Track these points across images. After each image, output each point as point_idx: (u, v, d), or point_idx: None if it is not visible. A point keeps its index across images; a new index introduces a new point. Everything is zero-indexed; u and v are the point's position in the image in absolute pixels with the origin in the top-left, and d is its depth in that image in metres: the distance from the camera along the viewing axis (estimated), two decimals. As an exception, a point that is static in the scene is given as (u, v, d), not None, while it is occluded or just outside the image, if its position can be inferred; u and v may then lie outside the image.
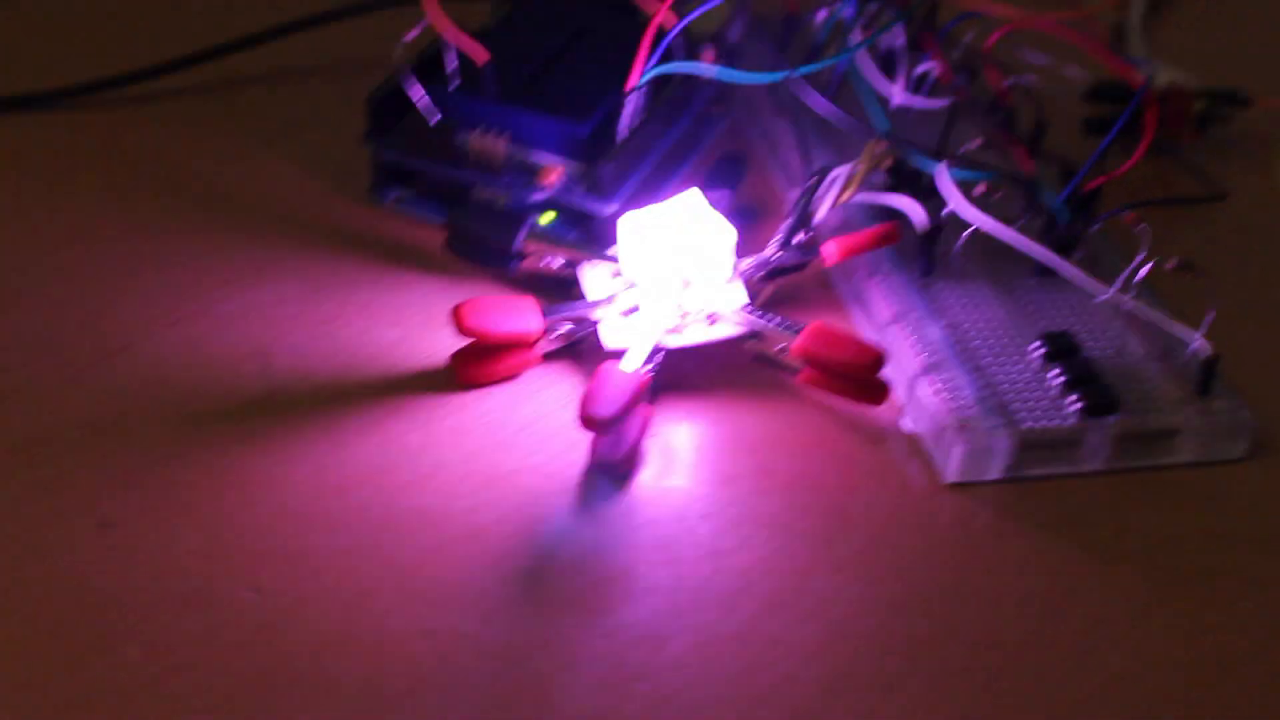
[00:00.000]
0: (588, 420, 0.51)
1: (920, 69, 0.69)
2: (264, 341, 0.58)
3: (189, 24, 0.77)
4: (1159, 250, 0.57)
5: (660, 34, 0.60)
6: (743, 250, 0.59)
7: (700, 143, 0.68)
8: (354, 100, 0.64)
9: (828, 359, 0.54)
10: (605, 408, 0.52)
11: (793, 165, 0.65)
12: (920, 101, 0.67)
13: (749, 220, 0.64)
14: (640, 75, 0.60)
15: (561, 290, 0.59)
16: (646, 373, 0.54)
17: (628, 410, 0.52)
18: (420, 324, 0.58)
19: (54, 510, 0.51)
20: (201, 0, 0.80)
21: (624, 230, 0.57)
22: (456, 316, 0.55)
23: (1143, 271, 0.57)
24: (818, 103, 0.63)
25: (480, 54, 0.61)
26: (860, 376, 0.55)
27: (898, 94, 0.67)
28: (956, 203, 0.58)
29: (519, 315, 0.56)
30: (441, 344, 0.57)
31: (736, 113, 0.71)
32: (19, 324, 0.58)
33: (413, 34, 0.61)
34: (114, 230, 0.63)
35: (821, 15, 0.70)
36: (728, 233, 0.57)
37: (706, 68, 0.61)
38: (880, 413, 0.56)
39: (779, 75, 0.60)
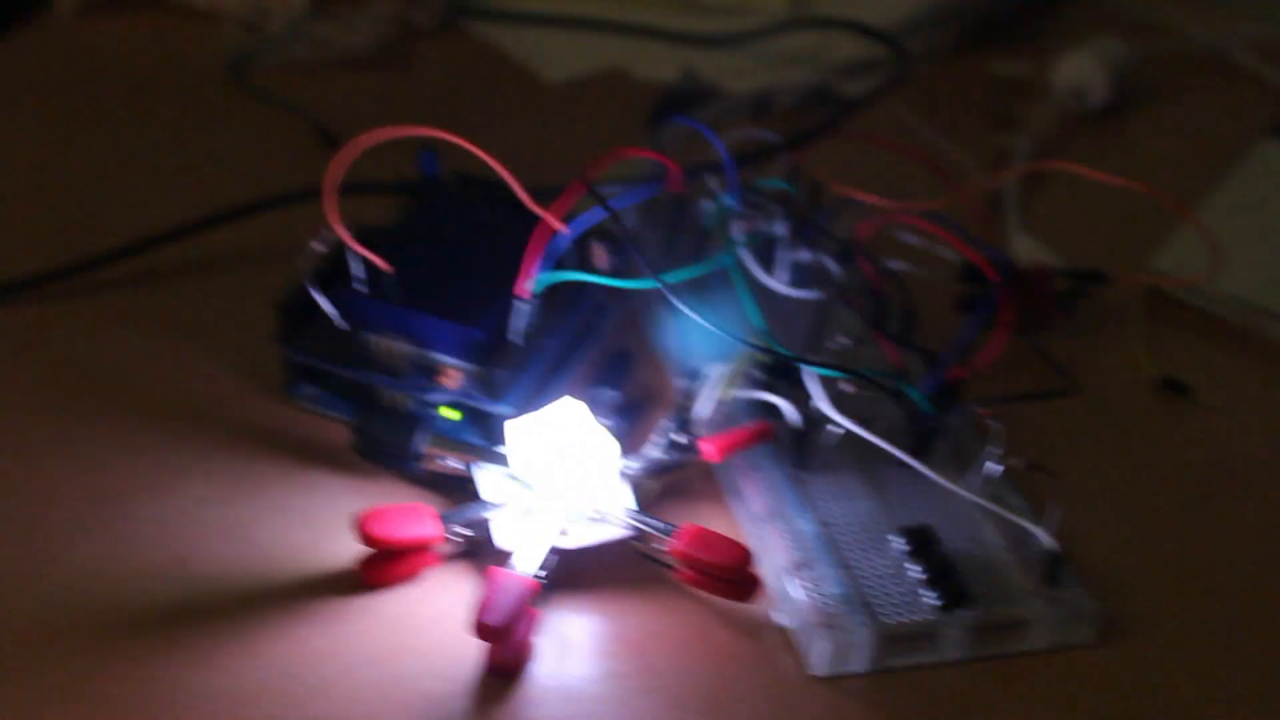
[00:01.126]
0: (481, 629, 0.57)
1: (799, 256, 0.74)
2: (184, 547, 0.63)
3: (107, 220, 0.82)
4: (1017, 438, 0.63)
5: (550, 235, 0.65)
6: (629, 444, 0.64)
7: (594, 334, 0.73)
8: (271, 292, 0.69)
9: (701, 560, 0.60)
10: (496, 615, 0.57)
11: (678, 357, 0.71)
12: (797, 292, 0.72)
13: (636, 415, 0.69)
14: (528, 278, 0.65)
15: (462, 488, 0.64)
16: (534, 578, 0.59)
17: (518, 616, 0.58)
18: (330, 524, 0.63)
19: (-15, 727, 0.55)
20: (112, 200, 0.85)
21: (510, 436, 0.62)
22: (359, 527, 0.60)
23: (995, 469, 0.63)
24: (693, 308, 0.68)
25: (384, 265, 0.66)
26: (732, 576, 0.60)
27: (777, 284, 0.72)
28: (822, 403, 0.64)
29: (417, 523, 0.61)
30: (349, 545, 0.61)
31: (628, 303, 0.76)
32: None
33: (317, 244, 0.66)
34: (41, 439, 0.68)
35: (707, 204, 0.76)
36: (607, 442, 0.62)
37: (589, 275, 0.66)
38: (756, 606, 0.61)
39: (655, 283, 0.64)
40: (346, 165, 0.64)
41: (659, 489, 0.65)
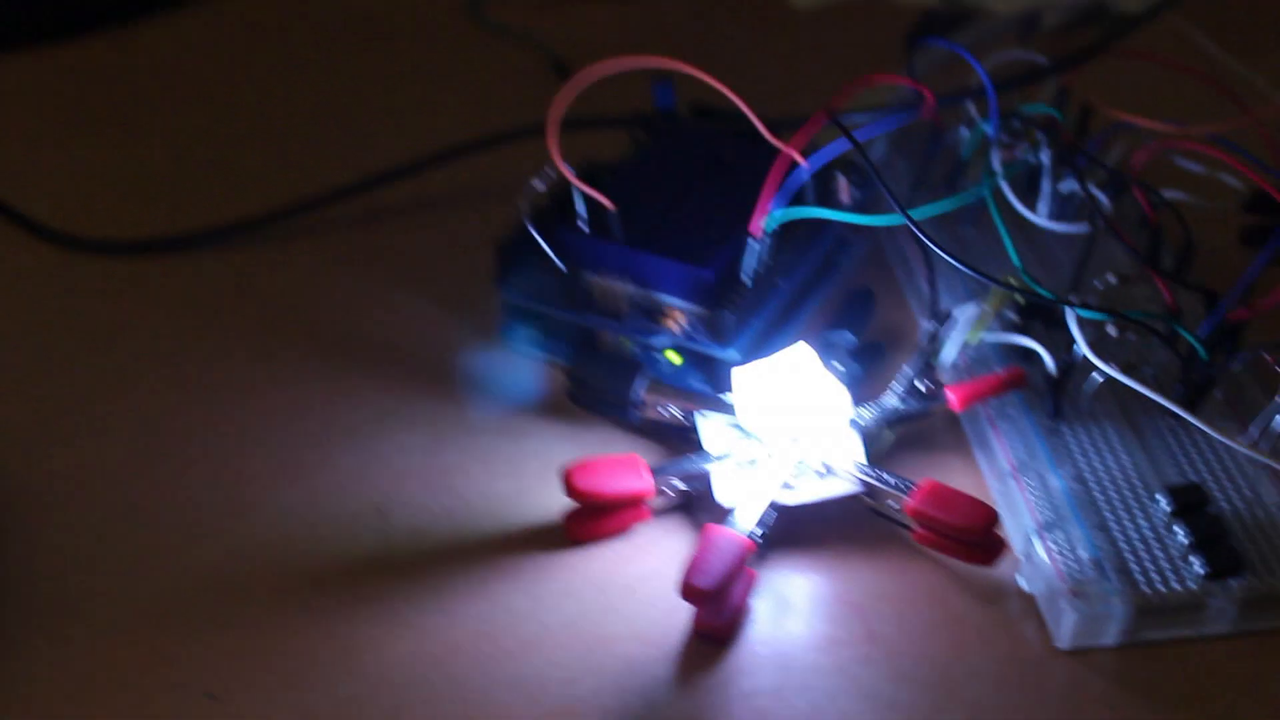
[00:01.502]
0: (690, 592, 0.52)
1: (1064, 187, 0.67)
2: (383, 496, 0.60)
3: (331, 160, 0.79)
4: None
5: (789, 168, 0.60)
6: (866, 391, 0.60)
7: (832, 275, 0.68)
8: (491, 232, 0.65)
9: (939, 520, 0.54)
10: (707, 579, 0.53)
11: (925, 295, 0.65)
12: (1061, 226, 0.66)
13: (875, 360, 0.64)
14: (763, 215, 0.60)
15: (683, 438, 0.60)
16: (752, 539, 0.54)
17: (731, 579, 0.53)
18: (537, 475, 0.60)
19: (165, 681, 0.53)
20: (336, 140, 0.82)
21: (737, 384, 0.57)
22: (566, 481, 0.56)
23: (1275, 421, 0.56)
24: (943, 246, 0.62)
25: (607, 203, 0.61)
26: (973, 538, 0.54)
27: (1039, 218, 0.66)
28: (1083, 347, 0.57)
29: (627, 476, 0.57)
30: (556, 497, 0.58)
31: (873, 239, 0.70)
32: (155, 481, 0.61)
33: (538, 181, 0.62)
34: (249, 381, 0.66)
35: (964, 132, 0.70)
36: (838, 391, 0.57)
37: (828, 212, 0.61)
38: (999, 570, 0.56)
39: (901, 218, 0.59)
40: (571, 98, 0.60)
41: (894, 439, 0.60)
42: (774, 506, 0.56)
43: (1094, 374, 0.59)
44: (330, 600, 0.56)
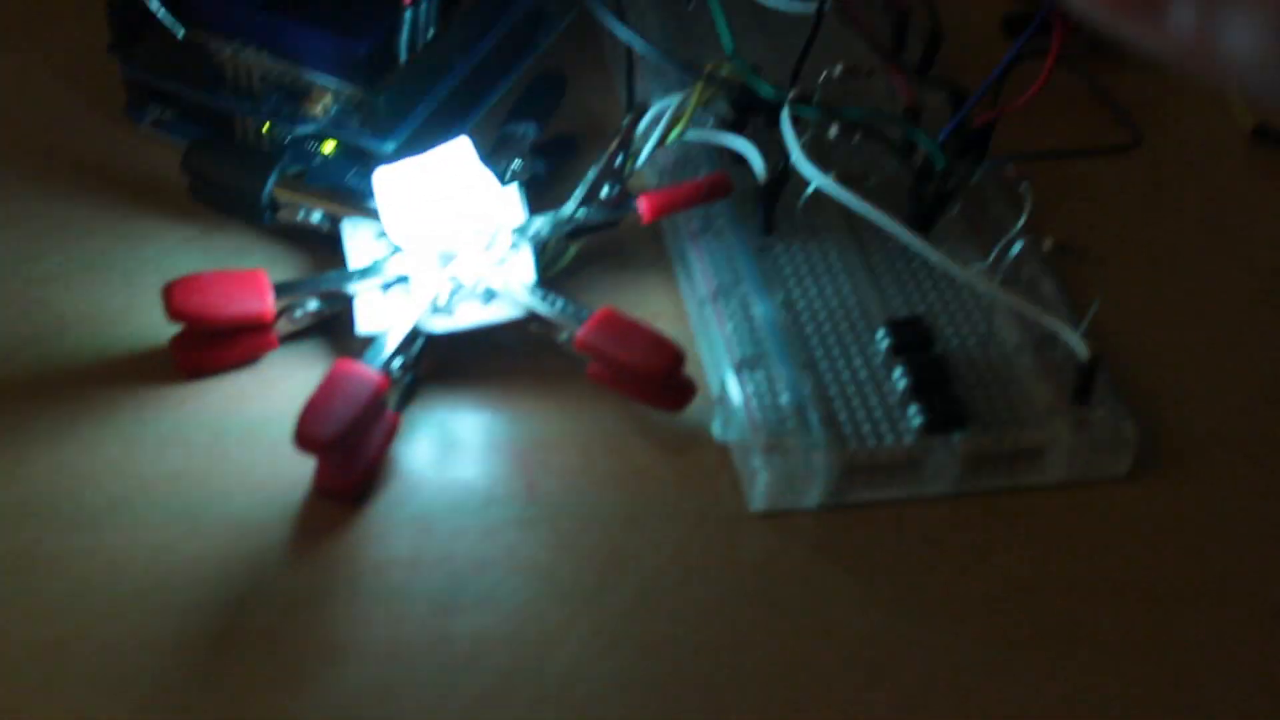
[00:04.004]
0: (305, 441, 0.45)
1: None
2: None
3: None
4: (1058, 207, 0.52)
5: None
6: (552, 194, 0.53)
7: (526, 53, 0.60)
8: None
9: (615, 357, 0.47)
10: (326, 427, 0.45)
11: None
12: (784, 4, 0.58)
13: (565, 155, 0.56)
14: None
15: (333, 247, 0.52)
16: (389, 374, 0.47)
17: (360, 426, 0.45)
18: (153, 290, 0.51)
19: None
20: None
21: (381, 187, 0.49)
22: (167, 298, 0.48)
23: (1019, 247, 0.49)
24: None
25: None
26: (654, 380, 0.47)
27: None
28: (797, 155, 0.50)
29: (246, 295, 0.49)
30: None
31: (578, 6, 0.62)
32: None
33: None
34: None
35: None
36: (502, 197, 0.50)
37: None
38: (689, 414, 0.49)
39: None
40: None
41: (575, 254, 0.52)
42: (422, 334, 0.48)
43: (807, 190, 0.51)
44: None
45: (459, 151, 0.49)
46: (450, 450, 0.48)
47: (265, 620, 0.44)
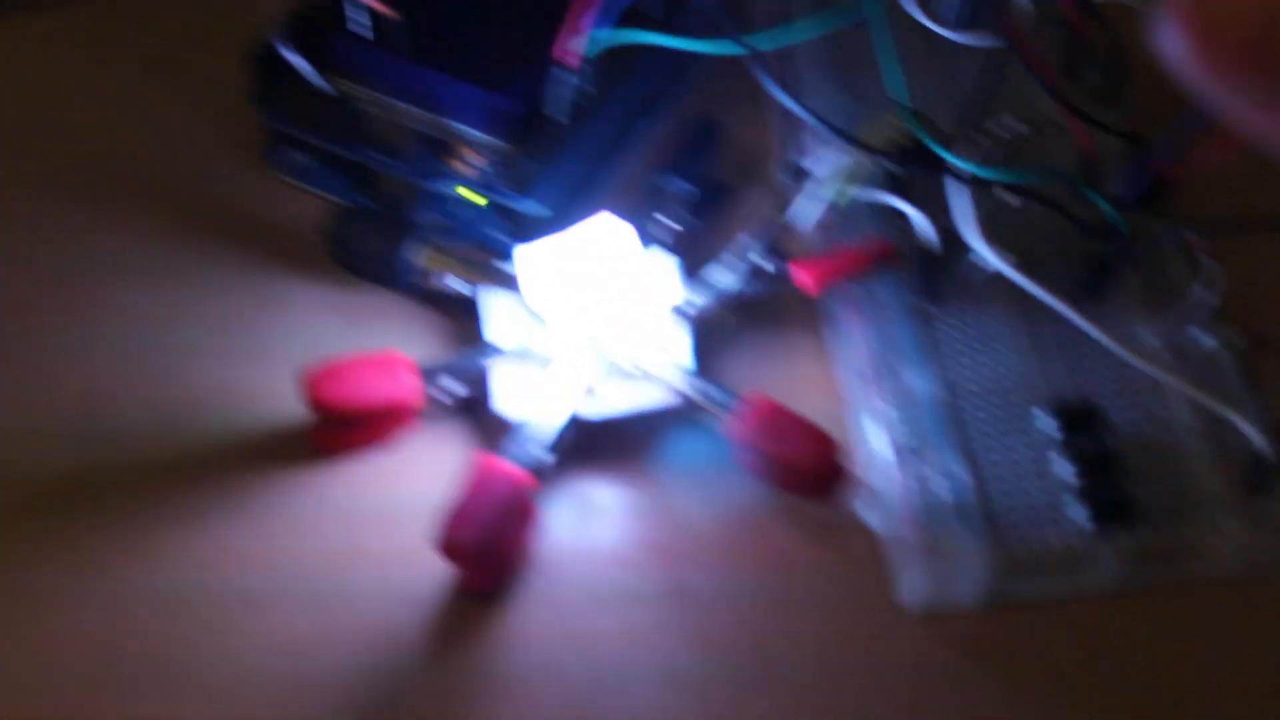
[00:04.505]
0: (448, 549, 0.43)
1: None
2: (91, 388, 0.50)
3: None
4: (1245, 284, 0.48)
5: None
6: (708, 246, 0.51)
7: (670, 101, 0.57)
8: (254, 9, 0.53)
9: (772, 453, 0.45)
10: (472, 534, 0.44)
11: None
12: (964, 38, 0.54)
13: (720, 206, 0.54)
14: (573, 36, 0.49)
15: (467, 309, 0.50)
16: (535, 471, 0.46)
17: (504, 529, 0.44)
18: (286, 359, 0.50)
19: None
20: None
21: (524, 264, 0.47)
22: (307, 391, 0.46)
23: (1203, 338, 0.47)
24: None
25: (386, 10, 0.51)
26: (807, 473, 0.45)
27: (939, 26, 0.55)
28: (974, 237, 0.47)
29: (385, 382, 0.47)
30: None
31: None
32: None
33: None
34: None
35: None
36: (659, 277, 0.49)
37: (661, 38, 0.50)
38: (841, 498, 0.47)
39: (752, 47, 0.49)
40: None
41: (735, 321, 0.50)
42: (569, 420, 0.46)
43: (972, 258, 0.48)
44: (12, 543, 0.47)
45: (609, 227, 0.47)
46: (593, 541, 0.47)
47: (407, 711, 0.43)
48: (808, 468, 0.45)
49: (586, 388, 0.48)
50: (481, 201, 0.52)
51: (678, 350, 0.48)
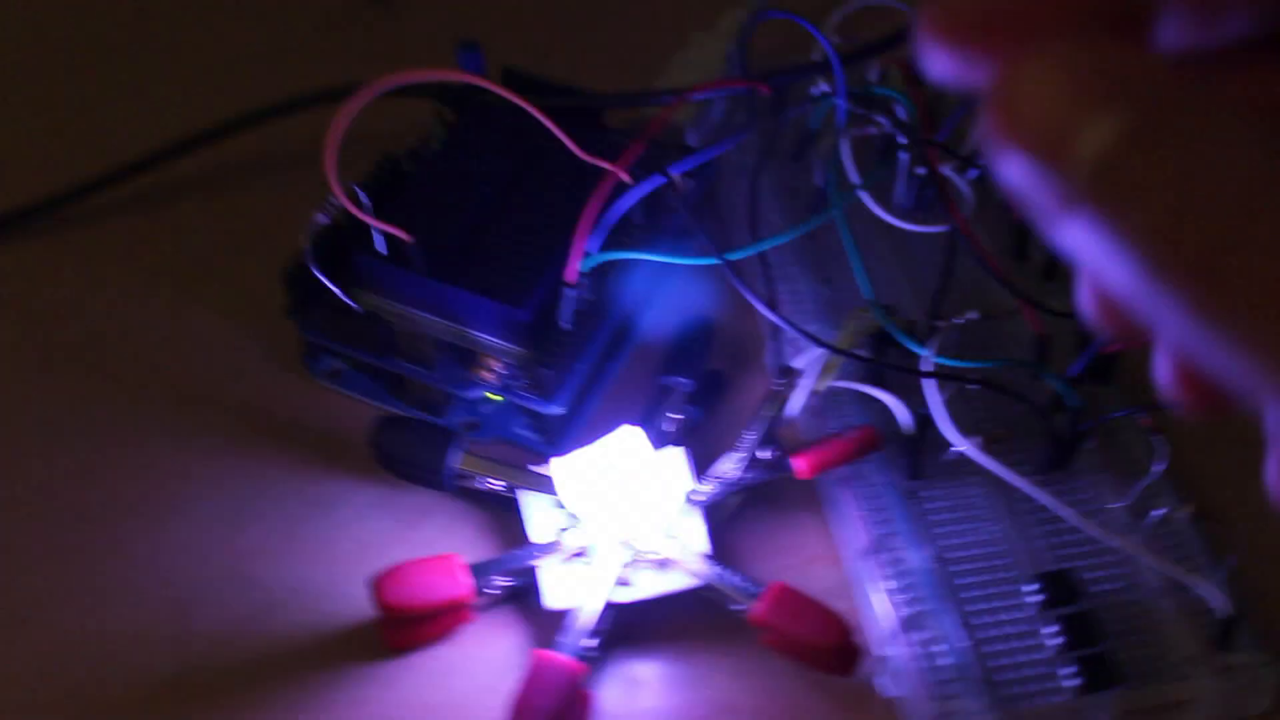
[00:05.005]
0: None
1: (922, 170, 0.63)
2: (181, 590, 0.56)
3: (81, 141, 0.72)
4: (1194, 449, 0.55)
5: (610, 197, 0.57)
6: (709, 430, 0.58)
7: (660, 293, 0.63)
8: (301, 208, 0.59)
9: (791, 633, 0.52)
10: (536, 720, 0.50)
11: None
12: (918, 228, 0.61)
13: (716, 394, 0.61)
14: (579, 259, 0.56)
15: (507, 506, 0.57)
16: (584, 659, 0.52)
17: (562, 716, 0.50)
18: (350, 557, 0.56)
19: None
20: (104, 108, 0.74)
21: (559, 473, 0.54)
22: (375, 595, 0.52)
23: (1155, 514, 0.54)
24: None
25: (403, 235, 0.57)
26: (826, 653, 0.52)
27: (897, 219, 0.62)
28: (938, 414, 0.54)
29: (444, 581, 0.54)
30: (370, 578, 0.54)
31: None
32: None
33: (324, 216, 0.57)
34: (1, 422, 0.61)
35: (806, 108, 0.65)
36: (675, 477, 0.55)
37: (649, 254, 0.57)
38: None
39: (720, 257, 0.56)
40: (350, 119, 0.54)
41: (738, 504, 0.57)
42: (609, 606, 0.53)
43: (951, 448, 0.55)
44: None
45: (629, 436, 0.53)
46: (641, 718, 0.53)
47: None
48: (826, 647, 0.51)
49: (619, 577, 0.54)
50: (498, 398, 0.59)
51: (695, 536, 0.54)
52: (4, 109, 0.73)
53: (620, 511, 0.53)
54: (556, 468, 0.54)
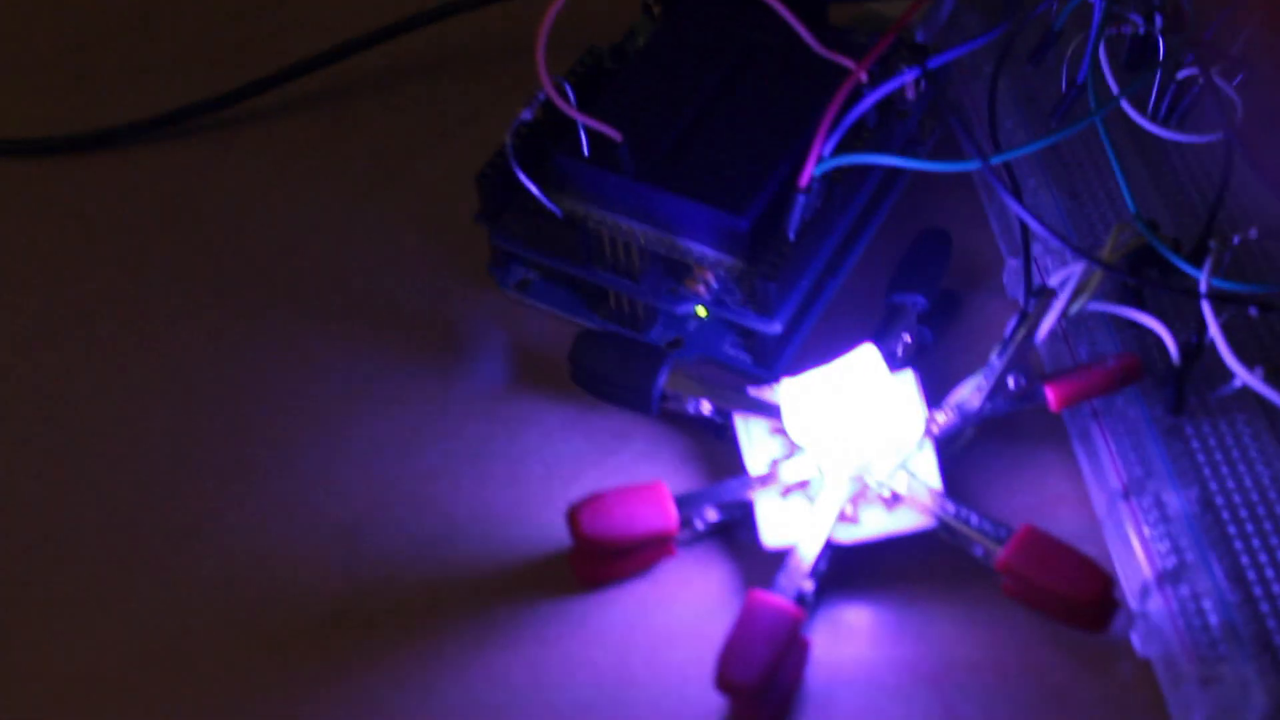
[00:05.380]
0: (728, 686, 0.44)
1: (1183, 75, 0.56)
2: (352, 514, 0.51)
3: (263, 36, 0.67)
4: None
5: (849, 98, 0.51)
6: (941, 356, 0.52)
7: (882, 208, 0.57)
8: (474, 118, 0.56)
9: (1041, 584, 0.46)
10: (750, 670, 0.44)
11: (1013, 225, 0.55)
12: (1187, 137, 0.55)
13: (951, 314, 0.55)
14: (815, 163, 0.50)
15: (717, 432, 0.51)
16: (802, 604, 0.46)
17: (778, 663, 0.44)
18: (539, 481, 0.51)
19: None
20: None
21: (785, 397, 0.48)
22: (573, 525, 0.47)
23: None
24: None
25: (612, 133, 0.51)
26: (1080, 608, 0.46)
27: (1160, 128, 0.55)
28: (1224, 351, 0.48)
29: (648, 512, 0.48)
30: (559, 508, 0.49)
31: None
32: (41, 487, 0.52)
33: (529, 112, 0.52)
34: (172, 337, 0.56)
35: (1052, 4, 0.58)
36: (910, 404, 0.49)
37: (895, 160, 0.51)
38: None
39: (985, 161, 0.50)
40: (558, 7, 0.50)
41: (973, 436, 0.51)
42: (830, 545, 0.47)
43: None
44: (285, 672, 0.48)
45: (865, 359, 0.48)
46: (860, 670, 0.48)
47: None
48: (1081, 601, 0.45)
49: (843, 513, 0.48)
50: (704, 313, 0.53)
51: (928, 472, 0.48)
52: (182, 3, 0.68)
53: (851, 440, 0.47)
54: (786, 389, 0.48)
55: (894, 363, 0.50)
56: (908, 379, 0.50)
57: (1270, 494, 0.49)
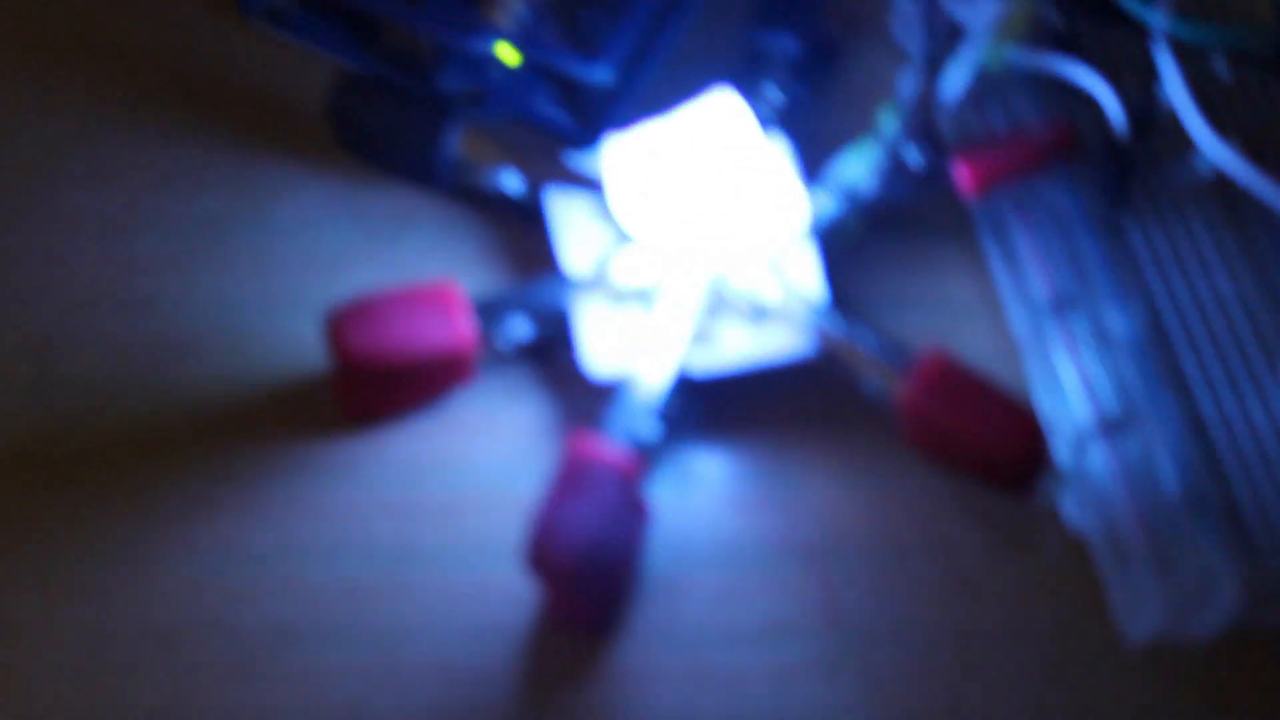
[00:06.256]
0: (545, 570, 0.34)
1: None
2: (41, 323, 0.40)
3: None
4: None
5: None
6: (817, 125, 0.41)
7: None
8: None
9: (957, 434, 0.35)
10: (568, 545, 0.34)
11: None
12: None
13: (826, 65, 0.43)
14: None
15: (524, 217, 0.40)
16: (641, 450, 0.36)
17: (610, 537, 0.34)
18: (292, 278, 0.40)
19: None
20: None
21: (613, 161, 0.36)
22: (333, 336, 0.36)
23: None
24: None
25: None
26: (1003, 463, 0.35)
27: None
28: (1191, 119, 0.38)
29: (436, 324, 0.37)
30: (321, 320, 0.37)
31: None
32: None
33: None
34: None
35: None
36: (785, 178, 0.38)
37: None
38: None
39: None
40: None
41: (861, 233, 0.40)
42: (680, 378, 0.37)
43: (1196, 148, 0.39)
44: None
45: (723, 107, 0.36)
46: (721, 547, 0.38)
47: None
48: (1003, 454, 0.36)
49: (697, 333, 0.37)
50: (513, 60, 0.41)
51: (805, 276, 0.38)
52: None
53: (703, 225, 0.37)
54: (610, 151, 0.38)
55: (759, 124, 0.39)
56: (777, 145, 0.39)
57: (1236, 316, 0.39)
